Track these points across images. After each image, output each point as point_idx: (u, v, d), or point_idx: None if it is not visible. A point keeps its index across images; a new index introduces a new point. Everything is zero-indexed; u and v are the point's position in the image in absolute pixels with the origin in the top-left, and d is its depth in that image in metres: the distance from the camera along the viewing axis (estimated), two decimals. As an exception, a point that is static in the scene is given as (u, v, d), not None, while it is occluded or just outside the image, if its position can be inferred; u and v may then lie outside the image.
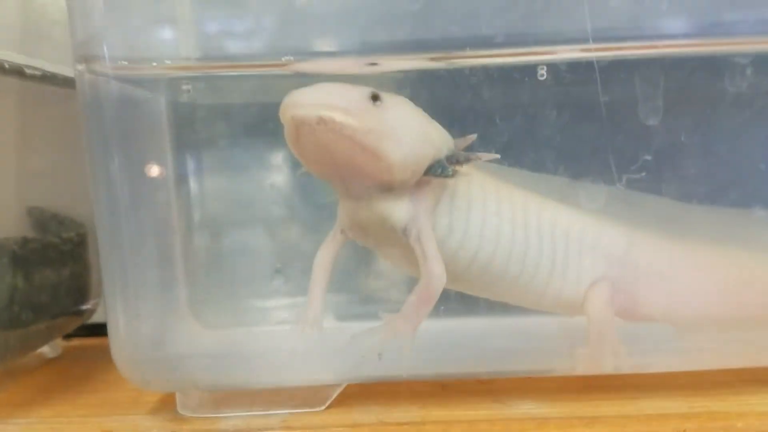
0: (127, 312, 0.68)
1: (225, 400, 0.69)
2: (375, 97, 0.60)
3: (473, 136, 0.68)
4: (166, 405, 0.72)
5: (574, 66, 0.63)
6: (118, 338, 0.69)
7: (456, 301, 0.76)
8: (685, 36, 0.61)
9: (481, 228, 0.69)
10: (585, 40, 0.59)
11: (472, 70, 0.68)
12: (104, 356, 0.72)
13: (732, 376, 0.70)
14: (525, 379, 0.73)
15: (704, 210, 0.75)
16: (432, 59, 0.67)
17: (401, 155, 0.61)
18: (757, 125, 0.69)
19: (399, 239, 0.66)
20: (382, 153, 0.60)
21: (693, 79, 0.65)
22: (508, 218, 0.70)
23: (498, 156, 0.67)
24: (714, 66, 0.64)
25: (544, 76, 0.66)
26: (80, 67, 0.62)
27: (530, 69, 0.66)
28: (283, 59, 0.64)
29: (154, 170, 0.79)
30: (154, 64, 0.66)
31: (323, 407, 0.68)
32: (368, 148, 0.60)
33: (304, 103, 0.59)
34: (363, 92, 0.60)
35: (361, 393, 0.71)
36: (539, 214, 0.72)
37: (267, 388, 0.67)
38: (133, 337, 0.69)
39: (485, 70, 0.68)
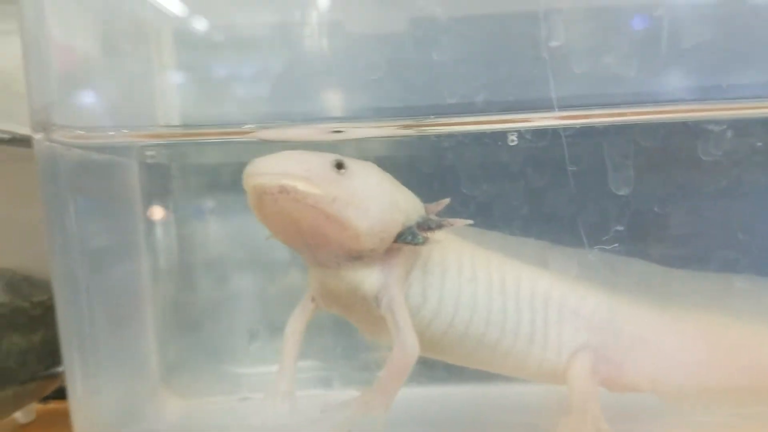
0: (87, 386, 0.66)
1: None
2: (339, 165, 0.59)
3: (446, 201, 0.66)
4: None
5: (543, 133, 0.62)
6: (80, 414, 0.66)
7: (435, 369, 0.74)
8: (654, 103, 0.60)
9: (456, 295, 0.67)
10: (550, 108, 0.58)
11: (441, 137, 0.67)
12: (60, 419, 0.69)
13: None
14: (505, 452, 0.70)
15: (687, 275, 0.73)
16: (399, 126, 0.66)
17: (368, 223, 0.59)
18: (729, 192, 0.67)
19: (370, 308, 0.63)
20: (347, 221, 0.58)
21: (667, 146, 0.63)
22: (485, 284, 0.68)
23: (471, 222, 0.65)
24: (688, 132, 0.62)
25: (515, 142, 0.65)
26: (38, 135, 0.62)
27: (501, 135, 0.65)
28: (244, 127, 0.63)
29: (120, 233, 0.78)
30: (111, 133, 0.65)
31: (291, 484, 0.65)
32: (333, 217, 0.58)
33: (265, 172, 0.57)
34: (326, 159, 0.59)
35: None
36: (517, 279, 0.70)
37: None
38: (95, 412, 0.67)
39: (455, 137, 0.66)
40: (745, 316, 0.71)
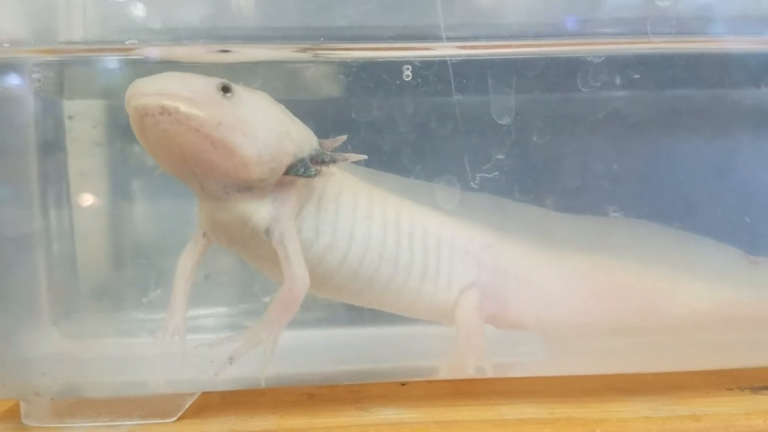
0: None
1: (70, 409, 0.64)
2: (226, 88, 0.58)
3: (343, 137, 0.66)
4: (12, 414, 0.67)
5: (430, 63, 0.62)
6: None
7: (326, 310, 0.75)
8: (536, 36, 0.61)
9: (350, 231, 0.67)
10: (438, 38, 0.58)
11: (335, 65, 0.67)
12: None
13: (599, 384, 0.70)
14: (394, 387, 0.71)
15: (571, 219, 0.75)
16: (295, 50, 0.65)
17: (256, 150, 0.58)
18: (608, 127, 0.69)
19: (261, 242, 0.63)
20: (234, 147, 0.57)
21: (548, 78, 0.65)
22: (379, 222, 0.69)
23: (365, 157, 0.65)
24: (568, 65, 0.64)
25: (410, 77, 0.65)
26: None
27: (394, 65, 0.65)
28: (126, 43, 0.60)
29: (13, 170, 0.75)
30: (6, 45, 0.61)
31: (174, 418, 0.64)
32: (218, 142, 0.57)
33: (146, 92, 0.55)
34: (212, 82, 0.58)
35: (223, 403, 0.68)
36: (411, 218, 0.71)
37: (113, 396, 0.64)
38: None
39: (348, 65, 0.66)
40: (625, 257, 0.74)
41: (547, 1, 0.62)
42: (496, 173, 0.66)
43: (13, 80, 0.68)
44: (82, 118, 0.79)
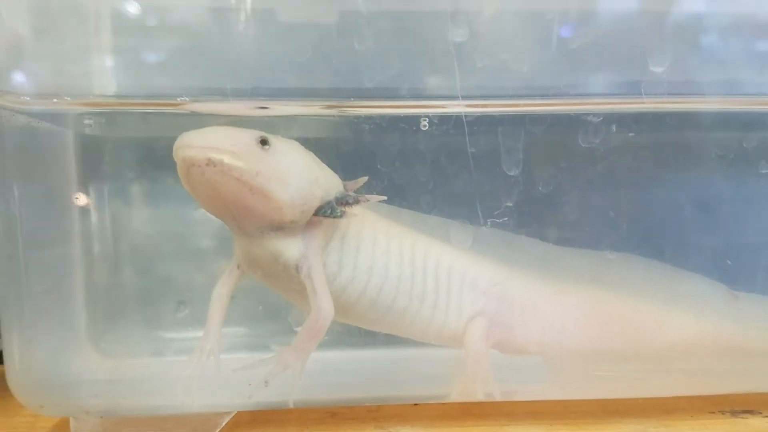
0: (21, 337, 0.70)
1: (116, 426, 0.71)
2: (264, 141, 0.64)
3: (364, 179, 0.72)
4: (61, 430, 0.73)
5: (448, 119, 0.70)
6: (13, 363, 0.71)
7: (349, 334, 0.81)
8: (542, 96, 0.69)
9: (370, 265, 0.73)
10: (455, 97, 0.66)
11: (361, 119, 0.74)
12: (4, 382, 0.73)
13: (595, 407, 0.77)
14: (408, 408, 0.78)
15: (572, 252, 0.82)
16: (322, 107, 0.72)
17: (289, 196, 0.65)
18: (606, 176, 0.77)
19: (291, 275, 0.69)
20: (270, 194, 0.64)
21: (552, 134, 0.72)
22: (396, 256, 0.75)
23: (385, 198, 0.72)
24: (570, 122, 0.71)
25: (426, 127, 0.72)
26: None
27: (413, 119, 0.72)
28: (178, 99, 0.68)
29: (57, 199, 0.81)
30: (55, 100, 0.69)
31: (211, 434, 0.71)
32: (256, 189, 0.63)
33: (194, 145, 0.62)
34: (252, 135, 0.64)
35: (253, 421, 0.75)
36: (425, 252, 0.77)
37: (156, 415, 0.70)
38: (26, 362, 0.71)
39: (373, 119, 0.73)
40: (619, 290, 0.81)
41: (552, 66, 0.69)
42: (506, 218, 0.72)
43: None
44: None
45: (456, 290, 0.78)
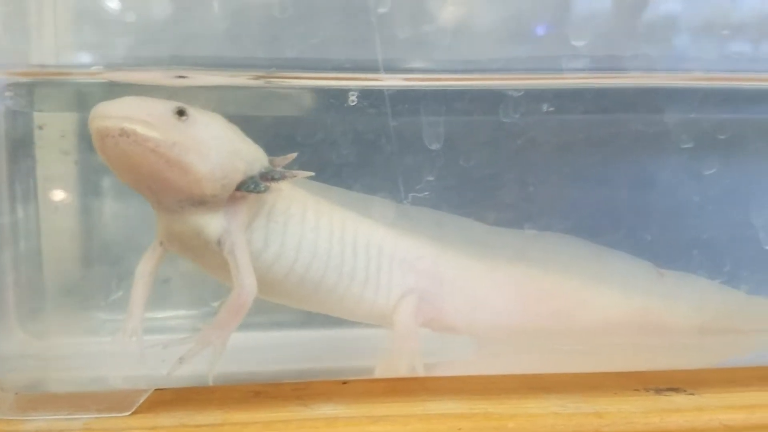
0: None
1: (32, 403, 0.69)
2: (181, 112, 0.63)
3: (293, 155, 0.71)
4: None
5: (369, 92, 0.69)
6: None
7: (279, 312, 0.81)
8: (464, 71, 0.68)
9: (298, 241, 0.73)
10: (377, 70, 0.65)
11: (282, 90, 0.73)
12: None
13: (518, 383, 0.77)
14: (336, 385, 0.77)
15: (503, 232, 0.82)
16: (250, 77, 0.71)
17: (208, 169, 0.64)
18: (531, 152, 0.77)
19: (213, 251, 0.68)
20: (187, 166, 0.63)
21: (474, 108, 0.72)
22: (325, 233, 0.75)
23: (312, 174, 0.71)
24: (492, 97, 0.71)
25: (355, 102, 0.72)
26: None
27: (339, 92, 0.71)
28: (92, 68, 0.66)
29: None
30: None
31: (129, 412, 0.69)
32: (173, 161, 0.62)
33: (108, 115, 0.61)
34: (168, 106, 0.63)
35: (175, 400, 0.73)
36: (356, 230, 0.77)
37: (73, 392, 0.69)
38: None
39: (296, 91, 0.72)
40: (548, 268, 0.81)
41: (475, 41, 0.69)
42: (427, 193, 0.72)
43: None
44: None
45: (386, 268, 0.77)
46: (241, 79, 0.71)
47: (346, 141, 0.75)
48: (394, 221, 0.79)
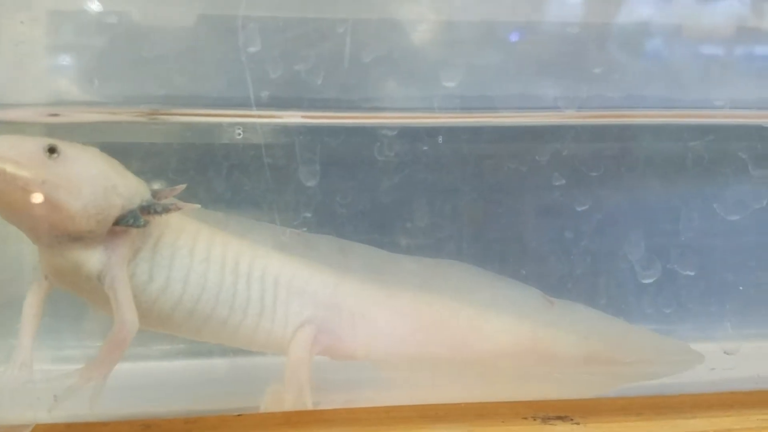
0: None
1: None
2: (52, 149, 0.63)
3: (182, 187, 0.71)
4: None
5: (252, 127, 0.69)
6: None
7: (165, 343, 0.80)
8: (338, 108, 0.69)
9: (185, 274, 0.72)
10: (249, 106, 0.65)
11: (178, 126, 0.73)
12: None
13: (414, 413, 0.76)
14: (230, 418, 0.76)
15: (403, 259, 0.83)
16: (134, 114, 0.71)
17: (81, 205, 0.63)
18: (407, 190, 0.78)
19: (95, 286, 0.68)
20: (58, 203, 0.62)
21: (348, 145, 0.72)
22: (217, 265, 0.74)
23: (198, 206, 0.71)
24: (366, 135, 0.72)
25: (241, 135, 0.72)
26: None
27: (228, 127, 0.71)
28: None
29: None
30: None
31: (12, 448, 0.69)
32: (44, 199, 0.62)
33: None
34: (39, 143, 0.63)
35: (64, 435, 0.73)
36: (251, 260, 0.76)
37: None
38: None
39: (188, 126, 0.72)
40: (444, 295, 0.82)
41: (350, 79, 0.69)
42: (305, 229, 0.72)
43: None
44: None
45: (283, 298, 0.77)
46: (123, 116, 0.70)
47: (243, 175, 0.75)
48: (294, 250, 0.79)
